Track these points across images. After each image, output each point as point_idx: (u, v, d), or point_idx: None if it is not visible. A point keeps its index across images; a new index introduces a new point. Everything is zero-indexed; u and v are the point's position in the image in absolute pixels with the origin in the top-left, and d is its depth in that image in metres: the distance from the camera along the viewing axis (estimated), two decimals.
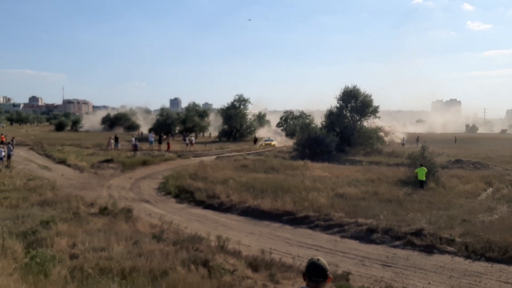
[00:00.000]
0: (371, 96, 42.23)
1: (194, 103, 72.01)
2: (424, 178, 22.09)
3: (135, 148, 38.62)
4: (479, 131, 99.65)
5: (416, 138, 57.23)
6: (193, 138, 50.25)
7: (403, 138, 52.56)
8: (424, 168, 22.37)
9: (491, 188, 22.17)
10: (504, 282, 10.66)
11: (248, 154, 39.95)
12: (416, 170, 22.61)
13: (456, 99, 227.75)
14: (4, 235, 10.93)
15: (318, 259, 3.51)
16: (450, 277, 11.01)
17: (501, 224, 14.70)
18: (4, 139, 44.51)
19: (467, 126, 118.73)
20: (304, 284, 3.52)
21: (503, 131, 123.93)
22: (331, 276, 3.53)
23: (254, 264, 10.50)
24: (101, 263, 9.80)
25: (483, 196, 20.67)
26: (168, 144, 42.97)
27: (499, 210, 17.06)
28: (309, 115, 52.40)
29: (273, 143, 51.34)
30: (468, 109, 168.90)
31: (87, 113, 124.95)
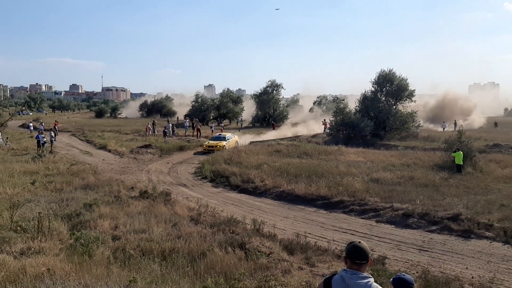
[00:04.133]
0: (407, 79, 41.33)
1: (228, 89, 72.26)
2: (461, 163, 21.63)
3: (164, 134, 39.15)
4: None
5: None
6: (213, 126, 49.87)
7: (444, 122, 51.10)
8: (461, 152, 21.88)
9: None
10: None
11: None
12: (453, 154, 22.15)
13: (494, 82, 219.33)
14: (50, 218, 11.51)
15: (359, 242, 3.55)
16: (488, 262, 10.88)
17: None
18: (57, 124, 46.28)
19: (505, 109, 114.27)
20: (345, 267, 3.56)
21: None
22: (372, 258, 3.56)
23: (290, 247, 10.67)
24: (142, 244, 10.22)
25: None
26: (198, 130, 43.41)
27: None
28: (343, 100, 51.60)
29: (232, 139, 33.87)
30: (507, 92, 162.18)
31: (125, 101, 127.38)
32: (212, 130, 46.44)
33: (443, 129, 50.24)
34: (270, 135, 43.33)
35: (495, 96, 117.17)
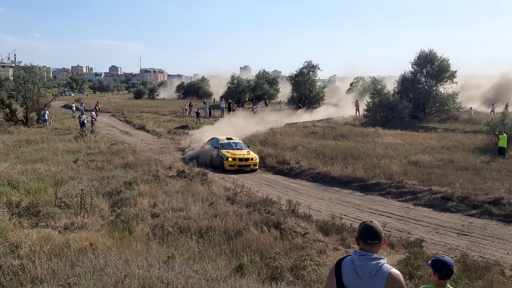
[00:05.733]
0: (448, 60, 39.92)
1: (264, 71, 71.81)
2: (505, 146, 20.87)
3: (197, 115, 39.33)
4: None
5: None
6: (257, 106, 49.39)
7: (493, 105, 49.16)
8: (505, 135, 21.10)
9: None
10: None
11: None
12: (500, 136, 21.27)
13: None
14: (92, 195, 11.94)
15: (371, 221, 3.38)
16: None
17: None
18: (99, 105, 47.69)
19: None
20: (357, 248, 3.41)
21: None
22: (385, 238, 3.39)
23: (325, 228, 10.68)
24: (179, 222, 10.47)
25: None
26: (233, 111, 43.35)
27: None
28: (381, 81, 50.29)
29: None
30: None
31: (162, 83, 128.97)
32: (254, 112, 45.24)
33: (492, 112, 48.14)
34: (305, 117, 42.98)
35: None
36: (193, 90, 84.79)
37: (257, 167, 20.27)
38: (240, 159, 20.08)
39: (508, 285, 7.62)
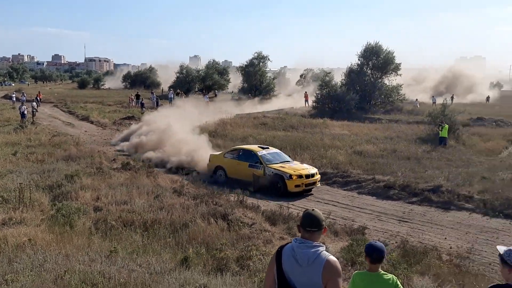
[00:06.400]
0: (393, 53, 41.31)
1: (214, 60, 71.16)
2: (446, 135, 21.82)
3: (142, 105, 38.51)
4: (503, 89, 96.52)
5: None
6: (206, 96, 48.97)
7: (433, 96, 51.31)
8: (447, 125, 22.08)
9: None
10: None
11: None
12: (441, 128, 22.18)
13: (481, 56, 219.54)
14: (31, 189, 11.40)
15: (313, 210, 3.42)
16: (466, 233, 11.08)
17: None
18: (40, 95, 45.56)
19: (491, 83, 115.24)
20: (299, 235, 3.41)
21: None
22: (326, 227, 3.42)
23: (273, 218, 10.74)
24: (123, 215, 10.19)
25: (504, 153, 20.47)
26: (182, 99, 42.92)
27: None
28: (329, 73, 51.29)
29: None
30: (493, 66, 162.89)
31: (107, 72, 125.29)
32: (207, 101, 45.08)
33: (433, 103, 50.23)
34: (257, 108, 43.09)
35: (481, 69, 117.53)
36: (141, 80, 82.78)
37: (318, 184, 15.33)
38: (307, 176, 14.61)
39: (444, 269, 7.97)
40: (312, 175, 14.73)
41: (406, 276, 7.24)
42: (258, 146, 16.81)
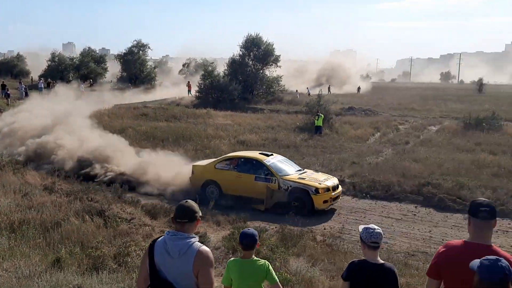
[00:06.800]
0: (273, 44, 42.70)
1: (89, 48, 66.95)
2: (321, 124, 23.18)
3: (7, 96, 34.99)
4: (372, 80, 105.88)
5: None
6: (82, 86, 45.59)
7: (308, 88, 54.17)
8: (322, 115, 23.43)
9: (378, 133, 24.03)
10: (385, 216, 11.83)
11: None
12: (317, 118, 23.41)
13: (352, 49, 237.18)
14: None
15: (186, 201, 3.39)
16: (338, 215, 11.96)
17: (385, 165, 16.11)
18: None
19: (361, 75, 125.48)
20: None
21: (393, 80, 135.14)
22: (199, 218, 3.37)
23: (153, 212, 10.51)
24: None
25: (371, 140, 22.41)
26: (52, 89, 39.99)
27: (384, 153, 18.68)
28: (212, 62, 51.42)
29: None
30: (363, 59, 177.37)
31: None
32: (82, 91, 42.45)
33: (308, 94, 53.05)
34: (140, 98, 41.58)
35: (352, 62, 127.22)
36: (7, 69, 74.98)
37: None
38: (334, 188, 12.31)
39: (318, 249, 8.48)
40: (337, 187, 12.57)
41: (284, 258, 7.55)
42: (260, 153, 13.74)
